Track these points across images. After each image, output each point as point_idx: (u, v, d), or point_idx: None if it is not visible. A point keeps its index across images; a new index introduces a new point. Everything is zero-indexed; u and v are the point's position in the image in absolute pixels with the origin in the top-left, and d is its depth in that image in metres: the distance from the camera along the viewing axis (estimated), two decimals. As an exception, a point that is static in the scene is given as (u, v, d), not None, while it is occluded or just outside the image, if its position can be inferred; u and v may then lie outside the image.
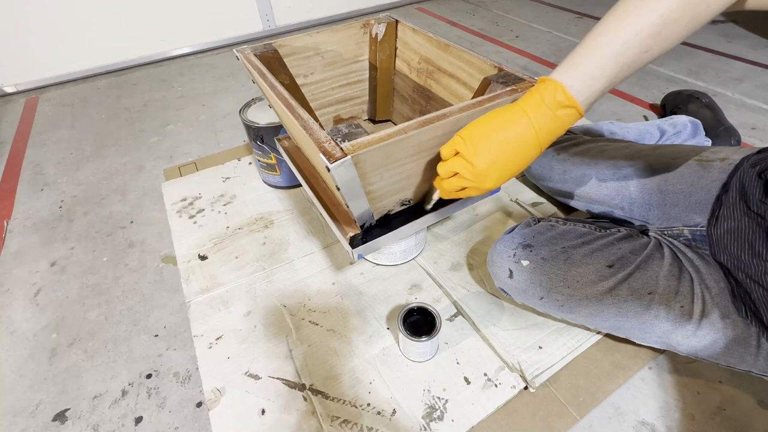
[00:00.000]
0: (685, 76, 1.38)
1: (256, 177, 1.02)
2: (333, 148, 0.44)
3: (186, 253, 0.83)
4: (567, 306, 0.60)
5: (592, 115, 1.21)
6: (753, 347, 0.51)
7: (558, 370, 0.61)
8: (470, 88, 0.66)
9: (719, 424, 0.56)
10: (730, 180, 0.59)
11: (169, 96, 1.47)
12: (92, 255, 0.87)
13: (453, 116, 0.48)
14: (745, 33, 1.64)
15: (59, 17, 1.49)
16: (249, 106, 0.93)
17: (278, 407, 0.59)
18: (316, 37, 0.75)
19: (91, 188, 1.05)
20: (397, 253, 0.76)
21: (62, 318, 0.75)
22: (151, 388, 0.64)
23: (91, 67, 1.62)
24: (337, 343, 0.67)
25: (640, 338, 0.58)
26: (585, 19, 1.87)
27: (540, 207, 0.89)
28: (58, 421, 0.61)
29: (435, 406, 0.58)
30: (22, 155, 1.20)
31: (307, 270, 0.79)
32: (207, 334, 0.69)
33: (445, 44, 0.68)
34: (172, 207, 0.95)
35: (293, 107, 0.51)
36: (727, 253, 0.54)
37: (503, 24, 1.89)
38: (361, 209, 0.55)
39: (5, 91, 1.54)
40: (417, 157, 0.52)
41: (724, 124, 0.97)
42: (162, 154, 1.16)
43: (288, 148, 0.80)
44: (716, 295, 0.54)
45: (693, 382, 0.61)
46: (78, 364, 0.68)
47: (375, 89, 0.85)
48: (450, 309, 0.71)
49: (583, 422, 0.57)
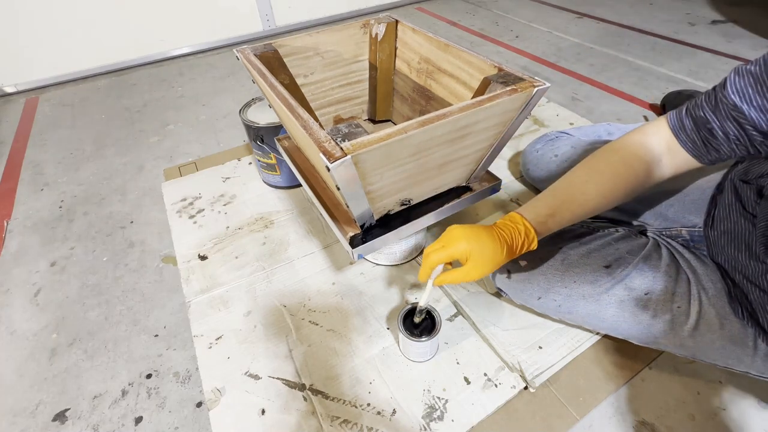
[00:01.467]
0: (685, 76, 1.38)
1: (256, 177, 1.02)
2: (333, 147, 0.44)
3: (186, 253, 0.83)
4: (565, 306, 0.60)
5: (591, 116, 1.21)
6: (750, 348, 0.51)
7: (558, 370, 0.61)
8: (470, 88, 0.66)
9: (719, 424, 0.56)
10: (724, 181, 0.59)
11: (169, 96, 1.47)
12: (92, 255, 0.87)
13: (453, 116, 0.48)
14: (745, 33, 1.65)
15: (59, 17, 1.49)
16: (249, 106, 0.93)
17: (278, 407, 0.59)
18: (316, 37, 0.75)
19: (91, 188, 1.05)
20: (397, 253, 0.76)
21: (62, 318, 0.75)
22: (151, 388, 0.64)
23: (91, 67, 1.62)
24: (337, 343, 0.67)
25: (637, 339, 0.58)
26: (585, 19, 1.87)
27: (540, 207, 0.89)
28: (58, 421, 0.61)
29: (435, 406, 0.58)
30: (22, 155, 1.20)
31: (307, 270, 0.79)
32: (207, 334, 0.69)
33: (445, 44, 0.68)
34: (172, 207, 0.95)
35: (293, 107, 0.51)
36: (724, 255, 0.54)
37: (503, 24, 1.89)
38: (361, 209, 0.55)
39: (5, 91, 1.54)
40: (417, 157, 0.52)
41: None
42: (162, 154, 1.16)
43: (288, 148, 0.80)
44: (713, 297, 0.54)
45: (693, 382, 0.61)
46: (78, 364, 0.68)
47: (375, 89, 0.85)
48: (450, 309, 0.71)
49: (583, 422, 0.57)
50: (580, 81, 1.40)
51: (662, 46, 1.59)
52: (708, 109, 0.45)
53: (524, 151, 0.93)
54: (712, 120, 0.44)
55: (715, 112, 0.44)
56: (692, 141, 0.47)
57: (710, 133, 0.44)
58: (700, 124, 0.45)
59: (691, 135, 0.47)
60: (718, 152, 0.46)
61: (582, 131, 0.92)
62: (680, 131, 0.48)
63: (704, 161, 0.48)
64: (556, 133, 0.91)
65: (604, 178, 0.52)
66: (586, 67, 1.48)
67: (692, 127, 0.47)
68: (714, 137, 0.44)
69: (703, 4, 1.94)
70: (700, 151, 0.47)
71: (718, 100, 0.44)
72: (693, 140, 0.47)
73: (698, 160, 0.48)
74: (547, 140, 0.89)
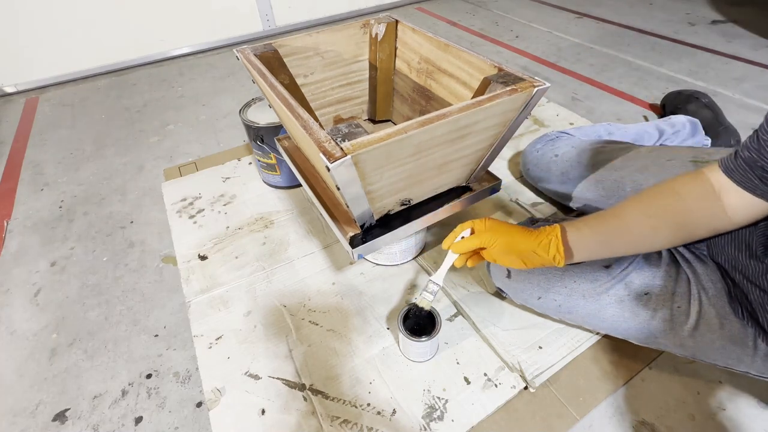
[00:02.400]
0: (685, 76, 1.38)
1: (256, 177, 1.02)
2: (333, 147, 0.44)
3: (186, 253, 0.83)
4: (565, 306, 0.60)
5: (591, 116, 1.21)
6: (750, 348, 0.51)
7: (558, 370, 0.61)
8: (470, 88, 0.66)
9: (719, 424, 0.56)
10: None
11: (169, 96, 1.47)
12: (92, 255, 0.87)
13: (453, 116, 0.48)
14: (745, 33, 1.64)
15: (59, 17, 1.49)
16: (249, 106, 0.93)
17: (278, 407, 0.59)
18: (316, 37, 0.75)
19: (91, 188, 1.05)
20: (397, 253, 0.76)
21: (62, 318, 0.75)
22: (151, 388, 0.64)
23: (91, 67, 1.62)
24: (337, 343, 0.67)
25: (636, 338, 0.58)
26: (585, 19, 1.87)
27: (539, 207, 0.89)
28: (58, 421, 0.61)
29: (435, 406, 0.58)
30: (22, 155, 1.20)
31: (307, 270, 0.79)
32: (207, 334, 0.69)
33: (445, 44, 0.68)
34: (172, 207, 0.95)
35: (293, 107, 0.51)
36: (725, 254, 0.54)
37: (503, 24, 1.89)
38: (361, 209, 0.55)
39: (5, 91, 1.54)
40: (417, 157, 0.52)
41: (723, 124, 0.97)
42: (162, 154, 1.16)
43: (288, 148, 0.80)
44: (713, 297, 0.54)
45: (693, 382, 0.61)
46: (78, 364, 0.68)
47: (375, 89, 0.85)
48: (450, 309, 0.71)
49: (583, 422, 0.57)
50: (580, 81, 1.40)
51: (662, 46, 1.59)
52: (753, 149, 0.44)
53: (524, 151, 0.93)
54: (760, 158, 0.43)
55: (760, 150, 0.43)
56: (749, 180, 0.45)
57: (763, 169, 0.43)
58: (752, 164, 0.44)
59: (746, 175, 0.45)
60: None
61: (582, 131, 0.92)
62: (733, 173, 0.46)
63: None
64: (557, 133, 0.91)
65: (665, 237, 0.51)
66: (586, 67, 1.48)
67: (745, 168, 0.45)
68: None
69: (703, 4, 1.94)
70: (762, 189, 0.44)
71: (759, 138, 0.43)
72: (750, 179, 0.45)
73: (766, 199, 0.45)
74: (547, 140, 0.89)
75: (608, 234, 0.52)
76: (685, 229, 0.50)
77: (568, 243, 0.52)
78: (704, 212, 0.49)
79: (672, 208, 0.50)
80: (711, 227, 0.49)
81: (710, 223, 0.49)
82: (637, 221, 0.51)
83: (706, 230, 0.50)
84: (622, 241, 0.52)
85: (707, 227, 0.50)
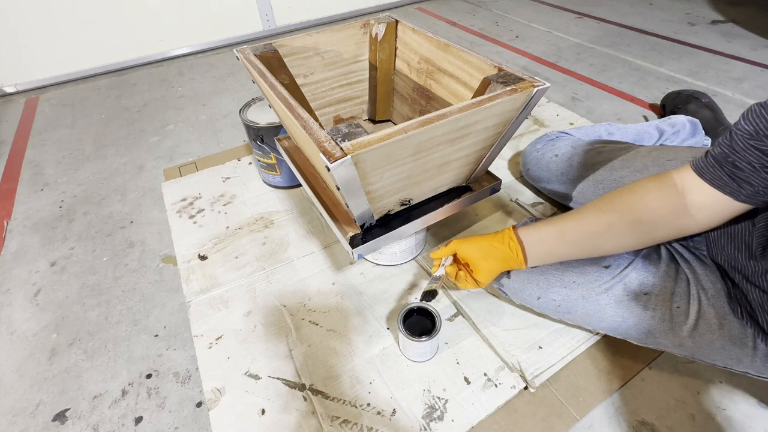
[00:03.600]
0: (685, 76, 1.38)
1: (256, 177, 1.02)
2: (333, 147, 0.44)
3: (186, 253, 0.83)
4: (564, 306, 0.60)
5: (591, 116, 1.21)
6: (749, 348, 0.51)
7: (558, 370, 0.61)
8: (470, 88, 0.66)
9: (719, 424, 0.56)
10: None
11: (169, 96, 1.47)
12: (92, 255, 0.87)
13: (453, 116, 0.48)
14: (745, 33, 1.64)
15: (59, 17, 1.49)
16: (249, 106, 0.93)
17: (278, 407, 0.59)
18: (316, 37, 0.75)
19: (91, 188, 1.05)
20: (397, 253, 0.76)
21: (62, 318, 0.75)
22: (151, 388, 0.64)
23: (91, 67, 1.62)
24: (337, 343, 0.67)
25: (636, 338, 0.58)
26: (585, 19, 1.87)
27: (539, 207, 0.89)
28: (58, 421, 0.61)
29: (435, 406, 0.58)
30: (22, 155, 1.20)
31: (307, 270, 0.79)
32: (207, 334, 0.69)
33: (445, 44, 0.68)
34: (172, 207, 0.95)
35: (293, 107, 0.52)
36: (724, 254, 0.54)
37: (503, 24, 1.89)
38: (361, 209, 0.55)
39: (5, 91, 1.54)
40: (417, 157, 0.52)
41: (723, 124, 0.97)
42: (162, 154, 1.16)
43: (288, 148, 0.81)
44: (712, 297, 0.54)
45: (693, 382, 0.61)
46: (78, 364, 0.68)
47: (375, 89, 0.85)
48: (450, 309, 0.71)
49: (583, 422, 0.57)
50: (580, 81, 1.40)
51: (662, 46, 1.59)
52: (725, 145, 0.44)
53: (524, 151, 0.93)
54: (731, 152, 0.43)
55: (733, 145, 0.43)
56: (718, 178, 0.45)
57: (734, 165, 0.43)
58: (722, 160, 0.44)
59: (715, 173, 0.45)
60: (751, 185, 0.43)
61: (582, 131, 0.92)
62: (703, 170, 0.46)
63: (741, 198, 0.45)
64: (557, 133, 0.91)
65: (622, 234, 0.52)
66: (586, 67, 1.48)
67: (714, 165, 0.45)
68: (739, 169, 0.43)
69: (703, 4, 1.94)
70: (731, 186, 0.44)
71: (732, 134, 0.43)
72: (719, 177, 0.44)
73: (734, 197, 0.45)
74: (547, 140, 0.89)
75: (564, 227, 0.55)
76: (642, 227, 0.51)
77: (523, 233, 0.57)
78: (662, 210, 0.49)
79: (626, 204, 0.51)
80: (672, 226, 0.50)
81: (671, 222, 0.49)
82: (593, 216, 0.53)
83: (667, 229, 0.50)
84: (579, 235, 0.54)
85: (668, 226, 0.50)
